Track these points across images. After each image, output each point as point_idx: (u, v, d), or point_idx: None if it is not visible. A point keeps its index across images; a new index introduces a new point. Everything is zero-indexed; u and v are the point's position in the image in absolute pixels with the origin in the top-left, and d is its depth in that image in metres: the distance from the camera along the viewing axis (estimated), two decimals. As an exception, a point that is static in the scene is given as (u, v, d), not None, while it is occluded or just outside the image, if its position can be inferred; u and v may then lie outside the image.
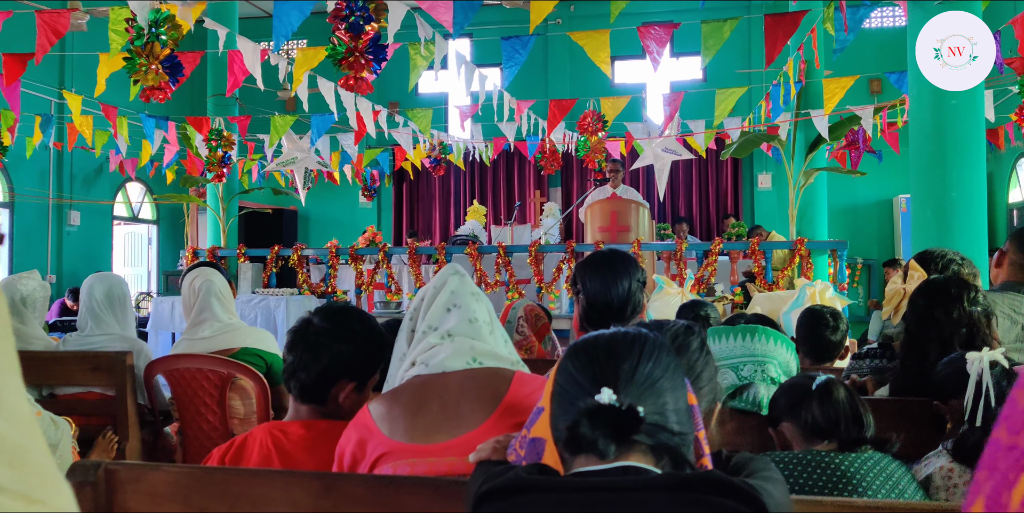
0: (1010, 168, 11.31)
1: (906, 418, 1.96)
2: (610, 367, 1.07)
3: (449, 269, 1.68)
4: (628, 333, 1.13)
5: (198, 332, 3.22)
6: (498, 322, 1.68)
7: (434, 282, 1.67)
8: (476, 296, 1.64)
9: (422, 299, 1.66)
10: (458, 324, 1.58)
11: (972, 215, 4.68)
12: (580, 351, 1.12)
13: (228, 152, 6.90)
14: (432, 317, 1.61)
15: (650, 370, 1.07)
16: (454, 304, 1.61)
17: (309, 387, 1.79)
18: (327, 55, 3.78)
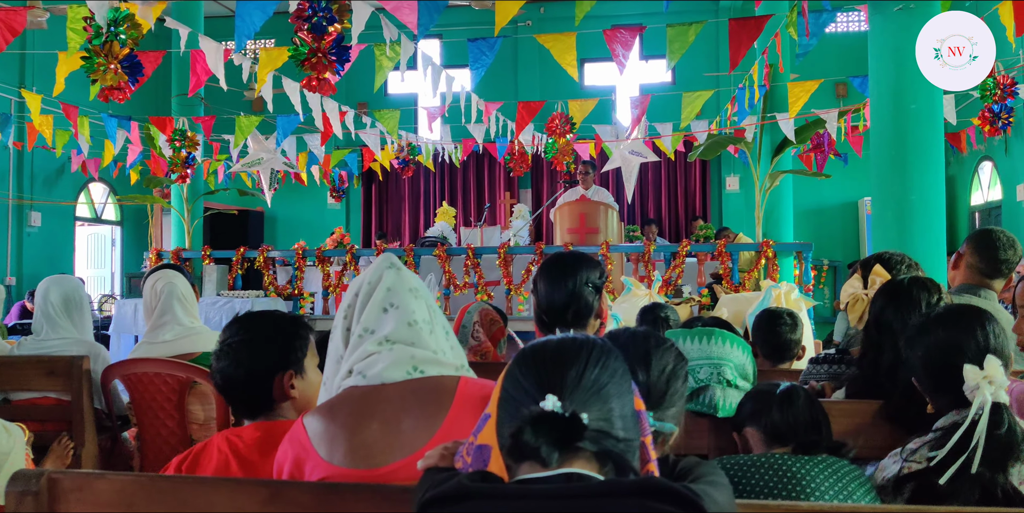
0: (972, 171, 11.50)
1: (859, 420, 1.98)
2: (556, 373, 1.06)
3: (384, 261, 1.56)
4: (576, 339, 1.13)
5: (159, 335, 3.17)
6: (440, 317, 1.58)
7: (368, 276, 1.55)
8: (415, 292, 1.54)
9: (356, 294, 1.55)
10: (396, 328, 1.49)
11: (931, 218, 4.75)
12: (527, 357, 1.11)
13: (192, 153, 6.80)
14: (368, 319, 1.51)
15: (597, 376, 1.06)
16: (391, 303, 1.50)
17: (248, 402, 1.80)
18: (290, 56, 3.74)
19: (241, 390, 1.80)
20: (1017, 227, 9.83)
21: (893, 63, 4.67)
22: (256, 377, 1.78)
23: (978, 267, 2.74)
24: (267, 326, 1.84)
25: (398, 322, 1.49)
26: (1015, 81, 5.97)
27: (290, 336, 1.84)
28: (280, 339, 1.83)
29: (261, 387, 1.79)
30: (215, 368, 1.82)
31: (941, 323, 1.70)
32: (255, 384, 1.79)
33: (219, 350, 1.83)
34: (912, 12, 4.52)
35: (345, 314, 1.57)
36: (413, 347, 1.48)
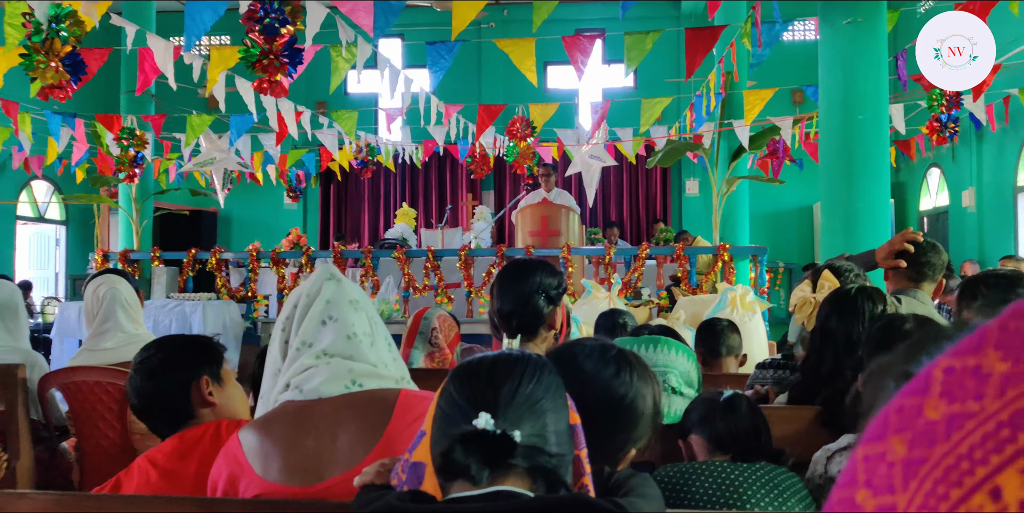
0: (921, 177, 11.77)
1: (798, 425, 2.02)
2: (490, 389, 1.06)
3: (323, 272, 1.53)
4: (511, 355, 1.12)
5: (100, 343, 3.08)
6: (381, 328, 1.55)
7: (307, 288, 1.51)
8: (354, 304, 1.50)
9: (294, 306, 1.51)
10: (335, 341, 1.46)
11: (877, 224, 4.85)
12: (462, 373, 1.11)
13: (141, 152, 6.63)
14: (306, 331, 1.47)
15: (531, 391, 1.06)
16: (330, 316, 1.47)
17: (167, 415, 1.80)
18: (240, 57, 3.66)
19: (158, 404, 1.80)
20: (963, 232, 10.12)
21: (842, 75, 4.76)
22: (172, 386, 1.79)
23: (905, 273, 2.83)
24: (178, 341, 1.89)
25: (337, 335, 1.46)
26: (960, 93, 6.11)
27: (203, 347, 1.88)
28: (192, 349, 1.86)
29: (178, 396, 1.79)
30: (129, 391, 1.83)
31: (896, 342, 1.74)
32: (171, 394, 1.79)
33: (132, 372, 1.84)
34: (860, 26, 4.60)
35: (283, 326, 1.53)
36: (352, 360, 1.45)
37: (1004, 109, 7.70)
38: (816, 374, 2.13)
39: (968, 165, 9.95)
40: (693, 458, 1.81)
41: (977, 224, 9.79)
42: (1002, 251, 9.02)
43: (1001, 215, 9.23)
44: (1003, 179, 9.16)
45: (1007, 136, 8.89)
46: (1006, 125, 8.21)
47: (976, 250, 9.75)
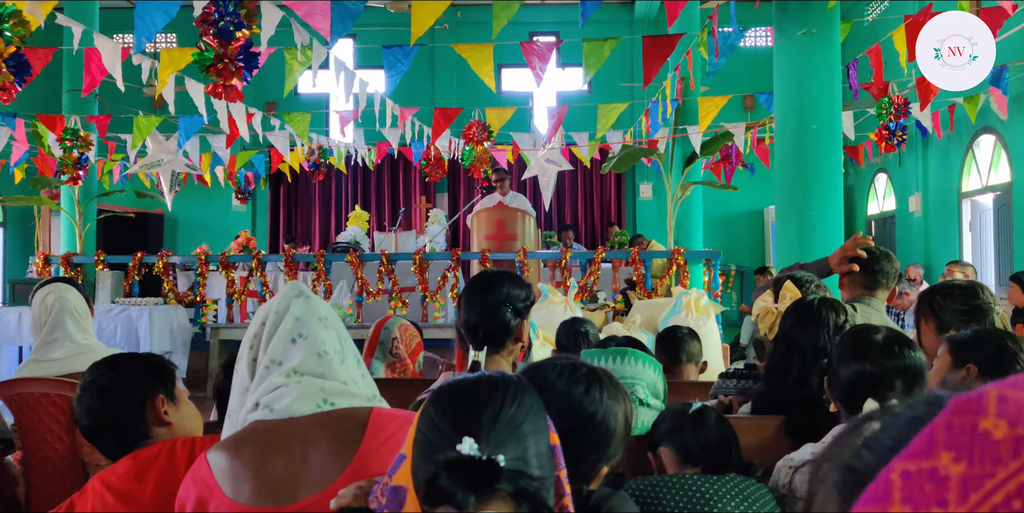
0: (868, 182, 12.03)
1: (763, 435, 2.04)
2: (472, 414, 1.05)
3: (292, 289, 1.49)
4: (491, 377, 1.11)
5: (48, 353, 2.98)
6: (350, 345, 1.52)
7: (275, 305, 1.48)
8: (324, 322, 1.47)
9: (262, 324, 1.48)
10: (305, 359, 1.43)
11: (830, 231, 4.93)
12: (443, 397, 1.09)
13: (85, 153, 6.43)
14: (275, 349, 1.44)
15: (513, 414, 1.06)
16: (299, 334, 1.43)
17: (121, 435, 1.76)
18: (194, 60, 3.56)
19: (111, 424, 1.76)
20: (909, 236, 10.36)
21: (796, 85, 4.85)
22: (126, 405, 1.75)
23: (860, 280, 2.90)
24: (130, 359, 1.84)
25: (307, 353, 1.43)
26: (908, 100, 6.26)
27: (156, 365, 1.84)
28: (145, 367, 1.82)
29: (133, 416, 1.76)
30: (79, 411, 1.77)
31: (872, 351, 1.81)
32: (126, 413, 1.75)
33: (81, 392, 1.78)
34: (814, 37, 4.68)
35: (251, 344, 1.49)
36: (323, 379, 1.42)
37: (949, 117, 7.91)
38: (782, 383, 2.17)
39: (914, 171, 10.19)
40: (663, 470, 1.82)
41: (923, 228, 10.02)
42: (947, 255, 9.26)
43: (946, 220, 9.45)
44: (948, 185, 9.39)
45: (952, 143, 9.12)
46: (951, 132, 8.44)
47: (922, 254, 9.98)
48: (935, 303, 2.43)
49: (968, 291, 2.40)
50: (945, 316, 2.38)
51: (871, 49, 5.79)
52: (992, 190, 8.52)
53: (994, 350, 1.96)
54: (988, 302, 2.37)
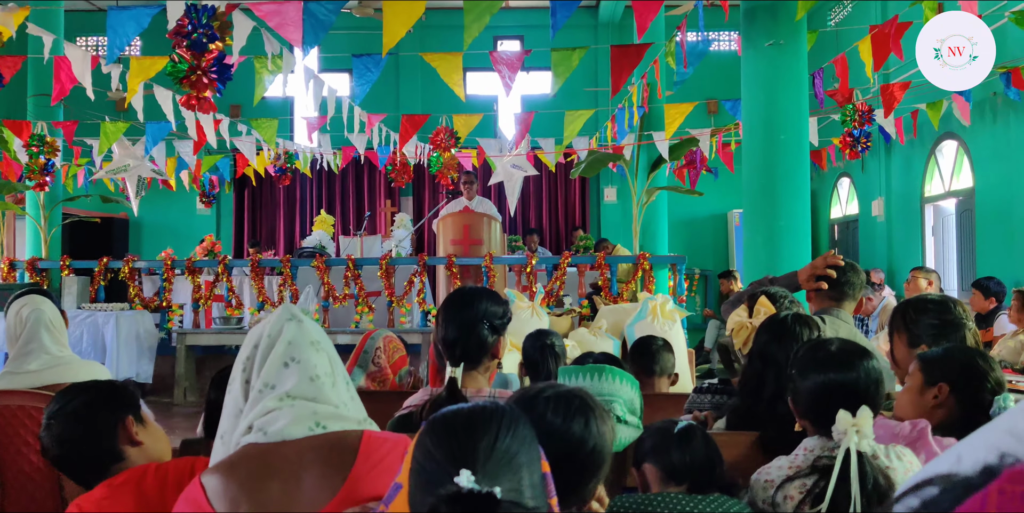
0: (831, 186, 12.22)
1: (737, 451, 2.07)
2: (469, 444, 1.07)
3: (284, 312, 1.51)
4: (486, 408, 1.13)
5: (23, 365, 2.96)
6: (340, 368, 1.54)
7: (268, 328, 1.50)
8: (316, 345, 1.49)
9: (255, 346, 1.50)
10: (298, 384, 1.45)
11: (797, 240, 5.03)
12: (438, 427, 1.11)
13: (52, 159, 6.36)
14: (268, 373, 1.46)
15: (508, 445, 1.08)
16: (292, 358, 1.46)
17: (92, 461, 1.78)
18: (167, 72, 3.56)
19: (84, 449, 1.77)
20: (872, 240, 10.52)
21: (763, 95, 4.93)
22: (99, 427, 1.78)
23: (827, 293, 2.96)
24: (94, 385, 1.87)
25: (300, 377, 1.45)
26: (872, 108, 6.39)
27: (120, 389, 1.87)
28: (111, 390, 1.85)
29: (105, 439, 1.78)
30: (47, 441, 1.78)
31: (829, 361, 1.84)
32: (99, 436, 1.78)
33: (50, 421, 1.79)
34: (781, 48, 4.78)
35: (244, 367, 1.51)
36: (315, 402, 1.44)
37: (912, 123, 8.03)
38: (756, 398, 2.20)
39: (877, 175, 10.32)
40: (647, 487, 1.83)
41: (886, 233, 10.13)
42: (910, 259, 9.41)
43: (909, 224, 9.57)
44: (911, 190, 9.51)
45: (914, 148, 9.25)
46: (914, 138, 8.58)
47: (885, 258, 10.10)
48: (908, 317, 2.44)
49: (941, 306, 2.42)
50: (917, 330, 2.40)
51: (837, 58, 5.91)
52: (954, 195, 8.61)
53: (965, 369, 1.98)
54: (961, 317, 2.39)
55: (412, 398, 2.15)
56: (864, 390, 1.80)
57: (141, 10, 3.68)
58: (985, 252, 7.85)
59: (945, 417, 1.97)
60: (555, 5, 3.79)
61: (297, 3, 3.69)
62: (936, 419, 1.96)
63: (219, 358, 7.73)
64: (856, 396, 1.77)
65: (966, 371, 1.98)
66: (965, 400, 1.96)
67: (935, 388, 2.00)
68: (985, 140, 7.78)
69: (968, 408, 1.95)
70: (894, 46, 4.74)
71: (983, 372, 1.97)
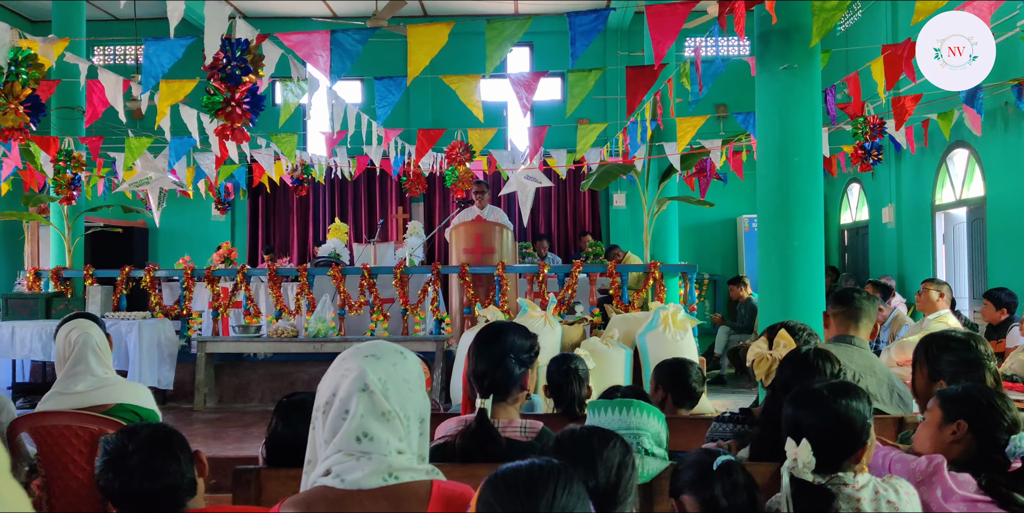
0: (841, 192, 12.25)
1: (761, 481, 2.08)
2: (530, 504, 1.18)
3: (358, 381, 1.54)
4: (543, 467, 1.24)
5: (71, 386, 3.10)
6: (414, 418, 1.59)
7: (341, 391, 1.54)
8: (388, 416, 1.53)
9: (332, 395, 1.56)
10: (372, 455, 1.51)
11: (812, 260, 5.09)
12: (500, 486, 1.22)
13: (78, 174, 6.50)
14: (342, 443, 1.52)
15: (565, 502, 1.19)
16: (364, 433, 1.51)
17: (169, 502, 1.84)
18: (203, 104, 3.69)
19: (167, 483, 1.83)
20: (882, 247, 10.52)
21: (778, 119, 5.00)
22: (180, 460, 1.85)
23: (844, 320, 3.09)
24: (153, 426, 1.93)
25: (374, 450, 1.52)
26: (883, 121, 6.47)
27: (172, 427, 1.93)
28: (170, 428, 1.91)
29: (188, 471, 1.86)
30: (117, 479, 1.81)
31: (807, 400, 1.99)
32: (181, 468, 1.85)
33: (119, 458, 1.83)
34: (795, 72, 4.86)
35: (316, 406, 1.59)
36: (389, 457, 1.52)
37: (923, 132, 8.02)
38: (779, 429, 2.27)
39: (887, 182, 10.31)
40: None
41: (896, 240, 10.10)
42: (920, 267, 9.40)
43: (919, 232, 9.55)
44: (921, 197, 9.49)
45: (925, 156, 9.23)
46: (925, 146, 8.60)
47: (895, 265, 10.07)
48: (930, 353, 2.52)
49: (963, 345, 2.49)
50: (938, 366, 2.49)
51: (849, 77, 5.97)
52: (966, 204, 8.59)
53: (984, 408, 2.06)
54: (982, 356, 2.46)
55: (445, 427, 2.25)
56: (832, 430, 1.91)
57: (176, 41, 3.82)
58: (996, 261, 7.83)
59: (962, 453, 2.06)
60: (574, 35, 3.92)
61: (325, 34, 3.82)
62: (953, 454, 2.05)
63: (237, 365, 7.88)
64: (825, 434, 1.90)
65: (984, 410, 2.05)
66: (982, 438, 2.04)
67: (954, 424, 2.07)
68: (997, 150, 7.78)
69: (985, 445, 2.03)
70: (906, 67, 4.83)
71: (1000, 412, 2.05)
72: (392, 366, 1.58)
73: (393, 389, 1.57)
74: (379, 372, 1.56)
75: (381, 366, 1.57)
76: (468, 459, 2.08)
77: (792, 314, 4.89)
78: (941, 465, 1.97)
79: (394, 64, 8.78)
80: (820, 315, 3.38)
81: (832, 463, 1.89)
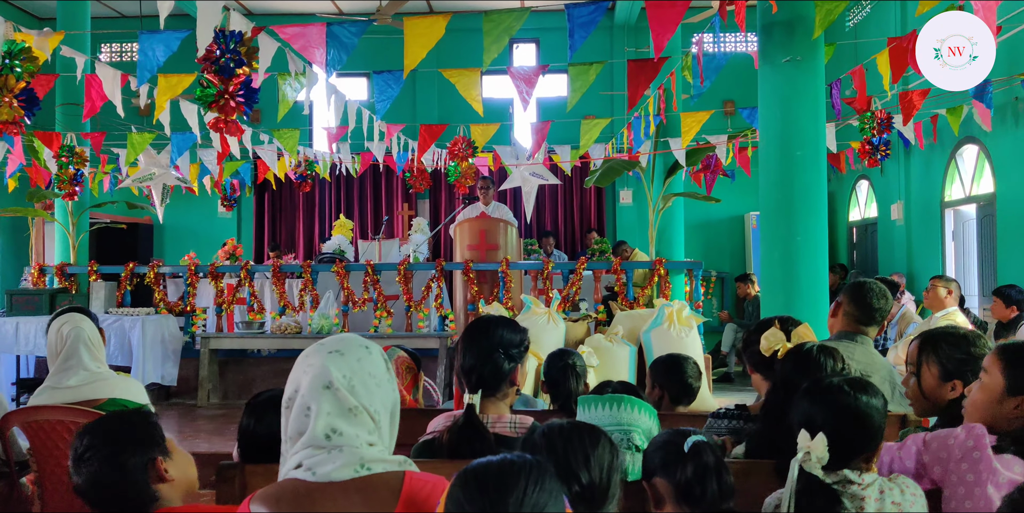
0: (850, 188, 12.14)
1: (757, 478, 2.07)
2: (499, 500, 1.15)
3: (321, 377, 1.51)
4: (515, 462, 1.21)
5: (63, 380, 3.09)
6: (385, 410, 1.57)
7: (304, 390, 1.52)
8: (355, 411, 1.51)
9: (295, 390, 1.54)
10: (344, 448, 1.49)
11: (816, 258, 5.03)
12: (470, 481, 1.19)
13: (81, 169, 6.51)
14: (312, 439, 1.50)
15: (536, 498, 1.15)
16: (333, 430, 1.49)
17: (131, 501, 1.82)
18: (197, 97, 3.67)
19: (116, 494, 1.81)
20: (891, 244, 10.43)
21: (781, 112, 4.94)
22: (129, 474, 1.81)
23: (854, 315, 3.00)
24: (118, 428, 1.87)
25: (345, 444, 1.50)
26: (891, 115, 6.40)
27: (144, 426, 1.89)
28: (134, 430, 1.87)
29: (139, 484, 1.82)
30: (82, 483, 1.80)
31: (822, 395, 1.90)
32: (130, 482, 1.81)
33: (78, 460, 1.81)
34: (798, 64, 4.80)
35: (287, 405, 1.56)
36: (360, 449, 1.50)
37: (932, 128, 7.93)
38: (778, 425, 2.17)
39: (896, 179, 10.20)
40: (660, 500, 1.80)
41: (905, 237, 9.99)
42: (930, 264, 9.30)
43: (928, 229, 9.44)
44: (930, 194, 9.38)
45: (934, 152, 9.11)
46: (934, 142, 8.52)
47: (904, 262, 9.96)
48: (940, 350, 2.34)
49: (967, 340, 2.34)
50: (950, 364, 2.31)
51: (854, 70, 5.90)
52: (975, 200, 8.49)
53: None
54: (986, 352, 2.26)
55: (435, 423, 2.23)
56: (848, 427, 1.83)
57: (170, 34, 3.80)
58: (1007, 258, 7.74)
59: (1021, 427, 1.88)
60: (572, 27, 3.88)
61: (320, 26, 3.80)
62: (1009, 427, 1.89)
63: (241, 361, 7.88)
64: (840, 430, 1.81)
65: None
66: None
67: (1019, 398, 1.89)
68: (1007, 145, 7.68)
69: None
70: (912, 61, 4.77)
71: None
72: (357, 361, 1.55)
73: (360, 385, 1.54)
74: (343, 369, 1.53)
75: (345, 362, 1.54)
76: (456, 455, 2.04)
77: (795, 310, 4.84)
78: (982, 437, 1.81)
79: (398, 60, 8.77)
80: (824, 311, 3.30)
81: (842, 461, 1.81)
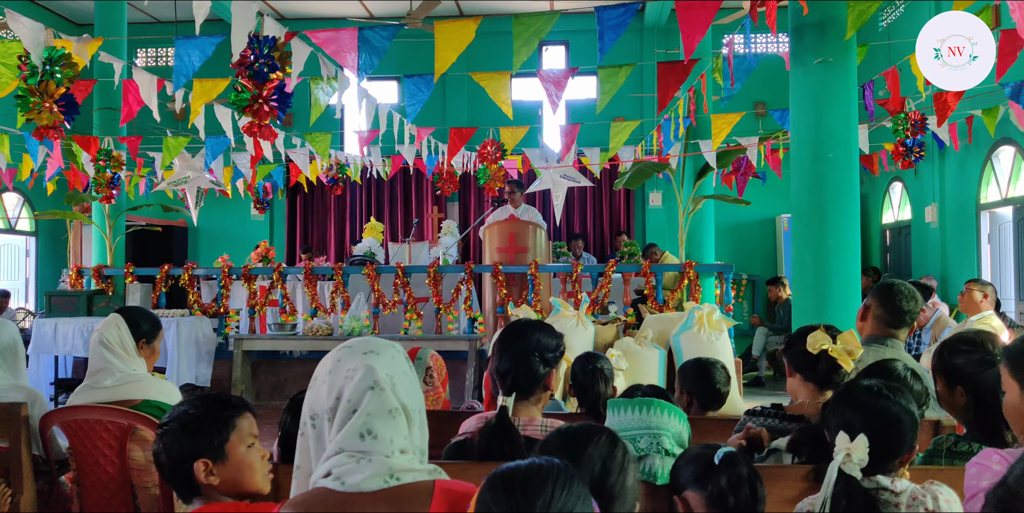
0: (883, 190, 11.98)
1: (792, 482, 2.07)
2: (527, 503, 1.15)
3: (366, 379, 1.51)
4: (542, 466, 1.22)
5: (100, 381, 3.16)
6: (417, 418, 1.56)
7: (348, 391, 1.51)
8: (394, 413, 1.50)
9: (337, 399, 1.52)
10: (374, 455, 1.48)
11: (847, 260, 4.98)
12: (498, 485, 1.20)
13: (117, 173, 6.63)
14: (346, 441, 1.49)
15: (563, 502, 1.16)
16: (368, 430, 1.48)
17: (180, 485, 1.92)
18: (231, 101, 3.73)
19: (171, 475, 1.92)
20: (925, 247, 10.27)
21: (813, 114, 4.89)
22: (177, 464, 1.89)
23: (884, 318, 2.97)
24: (194, 412, 1.93)
25: (376, 449, 1.49)
26: (925, 116, 6.31)
27: (211, 422, 1.92)
28: (198, 427, 1.91)
29: (185, 473, 1.90)
30: (156, 450, 1.94)
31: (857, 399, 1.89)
32: (179, 470, 1.90)
33: (159, 433, 1.93)
34: (830, 66, 4.76)
35: (328, 416, 1.54)
36: (391, 458, 1.49)
37: (967, 129, 7.80)
38: None
39: (931, 181, 10.04)
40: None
41: (940, 240, 9.84)
42: (964, 267, 9.14)
43: (964, 232, 9.29)
44: (965, 196, 9.23)
45: (969, 154, 8.99)
46: (969, 144, 8.37)
47: (939, 265, 9.81)
48: (942, 359, 2.36)
49: (972, 344, 2.33)
50: (953, 372, 2.32)
51: (888, 71, 5.83)
52: (1012, 203, 8.37)
53: None
54: (994, 354, 2.28)
55: (467, 424, 2.24)
56: (883, 431, 1.82)
57: (205, 39, 3.86)
58: (1044, 262, 7.64)
59: None
60: (602, 29, 3.88)
61: (352, 31, 3.84)
62: None
63: (273, 363, 7.97)
64: (875, 434, 1.79)
65: None
66: None
67: None
68: (1044, 146, 7.59)
69: None
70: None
71: None
72: (392, 360, 1.56)
73: (399, 383, 1.55)
74: (384, 367, 1.54)
75: (383, 361, 1.55)
76: (486, 457, 2.06)
77: (827, 314, 4.79)
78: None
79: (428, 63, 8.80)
80: (854, 314, 3.25)
81: (877, 466, 1.80)
